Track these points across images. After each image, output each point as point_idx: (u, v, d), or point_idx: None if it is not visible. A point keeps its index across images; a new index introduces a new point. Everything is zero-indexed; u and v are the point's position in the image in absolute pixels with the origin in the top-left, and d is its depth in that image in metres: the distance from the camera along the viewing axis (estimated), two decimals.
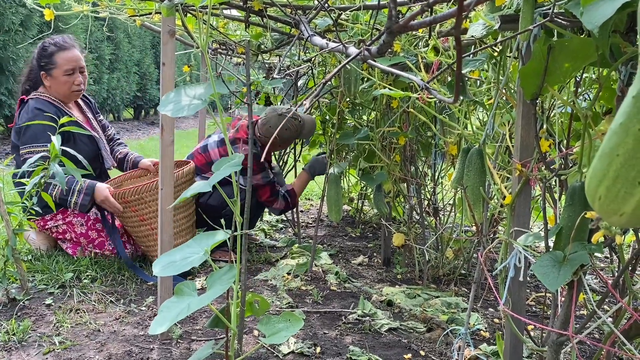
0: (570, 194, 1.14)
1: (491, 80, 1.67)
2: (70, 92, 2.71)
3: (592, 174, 0.52)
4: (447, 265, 2.73)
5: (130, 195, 2.50)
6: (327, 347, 1.93)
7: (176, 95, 1.42)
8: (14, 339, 1.83)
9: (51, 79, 2.68)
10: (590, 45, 1.04)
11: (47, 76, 2.68)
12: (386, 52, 0.72)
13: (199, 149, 2.95)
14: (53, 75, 2.67)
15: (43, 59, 2.67)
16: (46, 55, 2.67)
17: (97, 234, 2.65)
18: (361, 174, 2.75)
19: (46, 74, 2.68)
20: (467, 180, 1.51)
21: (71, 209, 2.60)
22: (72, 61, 2.69)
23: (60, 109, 2.68)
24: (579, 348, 1.99)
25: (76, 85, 2.70)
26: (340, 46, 0.98)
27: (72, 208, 2.55)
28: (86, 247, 2.64)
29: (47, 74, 2.68)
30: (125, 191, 2.52)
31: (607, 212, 0.52)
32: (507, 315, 1.35)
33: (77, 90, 2.73)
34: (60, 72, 2.66)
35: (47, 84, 2.70)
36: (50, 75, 2.68)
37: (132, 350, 1.82)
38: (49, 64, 2.66)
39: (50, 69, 2.67)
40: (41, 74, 2.68)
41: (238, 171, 1.31)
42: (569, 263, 1.08)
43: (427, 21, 0.54)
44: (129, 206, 2.52)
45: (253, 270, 2.75)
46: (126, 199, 2.50)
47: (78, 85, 2.71)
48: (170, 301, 1.26)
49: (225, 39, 2.75)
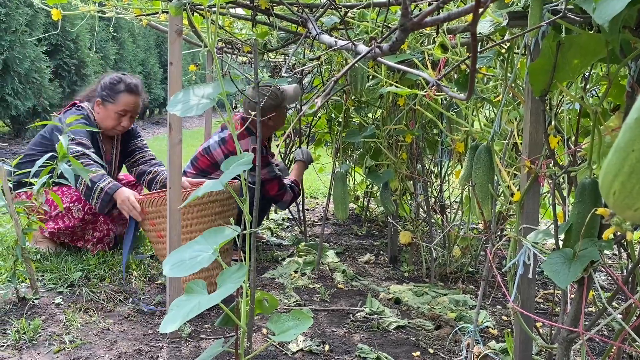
0: (579, 190, 1.14)
1: (499, 76, 1.67)
2: (111, 129, 2.76)
3: (607, 169, 0.52)
4: (454, 262, 2.73)
5: (148, 205, 2.27)
6: (335, 345, 1.93)
7: (185, 95, 1.42)
8: (24, 338, 1.84)
9: (102, 110, 2.73)
10: (599, 41, 1.04)
11: (101, 104, 2.73)
12: (398, 50, 0.72)
13: (201, 151, 2.91)
14: (107, 108, 2.72)
15: (107, 90, 2.72)
16: (113, 89, 2.72)
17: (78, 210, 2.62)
18: (367, 172, 2.75)
19: (101, 103, 2.73)
20: (475, 177, 1.51)
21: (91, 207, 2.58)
22: (130, 105, 2.74)
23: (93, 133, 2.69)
24: (588, 345, 1.98)
25: (121, 126, 2.76)
26: (350, 44, 0.99)
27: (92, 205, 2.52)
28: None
29: (102, 104, 2.73)
30: (143, 200, 2.31)
31: (622, 207, 0.51)
32: (517, 313, 1.35)
33: (118, 131, 2.80)
34: (114, 109, 2.72)
35: (96, 109, 2.75)
36: (104, 107, 2.73)
37: (142, 348, 1.83)
38: (110, 97, 2.71)
39: (107, 101, 2.72)
40: (97, 100, 2.73)
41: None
42: (579, 260, 1.08)
43: (441, 18, 0.54)
44: (147, 218, 2.30)
45: (260, 269, 2.75)
46: (143, 210, 2.29)
47: (122, 128, 2.78)
48: (180, 299, 1.27)
49: (231, 37, 2.76)
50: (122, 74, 2.81)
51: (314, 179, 5.18)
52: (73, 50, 8.95)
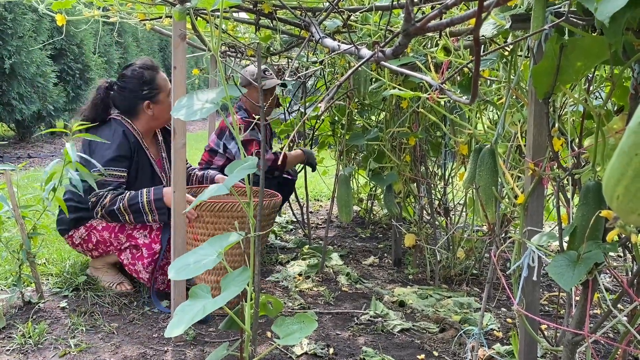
0: (584, 193, 1.14)
1: (502, 79, 1.67)
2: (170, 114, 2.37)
3: (610, 172, 0.52)
4: (458, 265, 2.72)
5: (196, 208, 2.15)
6: (340, 348, 1.93)
7: (189, 99, 1.43)
8: (30, 342, 1.85)
9: (156, 106, 2.43)
10: (602, 43, 1.04)
11: (151, 104, 2.42)
12: (401, 54, 0.72)
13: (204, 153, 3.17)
14: (160, 100, 2.43)
15: (145, 87, 2.41)
16: (146, 80, 2.41)
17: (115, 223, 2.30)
18: (371, 174, 2.75)
19: (150, 102, 2.41)
20: (479, 179, 1.50)
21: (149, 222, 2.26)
22: (168, 81, 2.45)
23: (139, 142, 2.41)
24: (593, 347, 1.97)
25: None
26: (353, 48, 0.99)
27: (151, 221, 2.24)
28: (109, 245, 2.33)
29: (152, 102, 2.42)
30: None
31: (625, 211, 0.51)
32: (522, 315, 1.35)
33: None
34: (165, 95, 2.44)
35: (149, 114, 2.43)
36: (156, 102, 2.42)
37: (147, 352, 1.84)
38: (152, 89, 2.41)
39: (154, 95, 2.42)
40: (144, 104, 2.41)
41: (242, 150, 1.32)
42: (583, 262, 1.07)
43: (444, 23, 0.54)
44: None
45: (264, 272, 2.76)
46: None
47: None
48: (185, 304, 1.27)
49: (235, 41, 2.77)
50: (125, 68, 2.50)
51: (317, 181, 5.18)
52: (77, 54, 9.00)
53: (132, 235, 2.29)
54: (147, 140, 2.50)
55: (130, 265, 2.30)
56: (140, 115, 2.43)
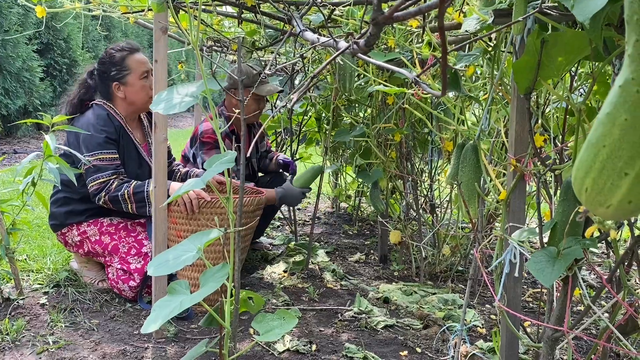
0: (564, 189, 1.13)
1: (486, 75, 1.66)
2: (148, 100, 2.36)
3: (579, 165, 0.51)
4: (443, 262, 2.72)
5: (174, 204, 2.13)
6: (323, 345, 1.92)
7: (168, 93, 1.42)
8: (7, 338, 1.82)
9: (126, 88, 2.35)
10: (583, 39, 1.03)
11: (120, 86, 2.35)
12: (374, 45, 0.71)
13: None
14: (128, 83, 2.35)
15: (114, 67, 2.35)
16: (116, 61, 2.35)
17: (109, 238, 2.28)
18: (357, 171, 2.74)
19: (119, 84, 2.35)
20: (462, 175, 1.50)
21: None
22: (144, 63, 2.39)
23: (123, 127, 2.36)
24: (575, 344, 1.98)
25: (151, 90, 2.31)
26: (331, 40, 0.97)
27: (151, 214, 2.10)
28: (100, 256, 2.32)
29: (121, 83, 2.35)
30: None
31: (594, 204, 0.50)
32: (503, 312, 1.35)
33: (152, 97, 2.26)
34: (136, 77, 2.35)
35: (120, 96, 2.36)
36: (125, 84, 2.35)
37: (127, 349, 1.82)
38: (121, 70, 2.34)
39: (123, 75, 2.34)
40: (113, 85, 2.35)
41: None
42: (563, 258, 1.07)
43: (412, 12, 0.53)
44: (170, 216, 2.13)
45: (249, 268, 2.74)
46: (169, 208, 2.12)
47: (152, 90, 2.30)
48: (163, 300, 1.25)
49: (220, 36, 2.74)
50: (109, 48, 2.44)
51: None
52: (64, 49, 8.90)
53: (126, 260, 2.24)
54: (132, 124, 2.45)
55: (114, 282, 2.25)
56: (115, 98, 2.38)
